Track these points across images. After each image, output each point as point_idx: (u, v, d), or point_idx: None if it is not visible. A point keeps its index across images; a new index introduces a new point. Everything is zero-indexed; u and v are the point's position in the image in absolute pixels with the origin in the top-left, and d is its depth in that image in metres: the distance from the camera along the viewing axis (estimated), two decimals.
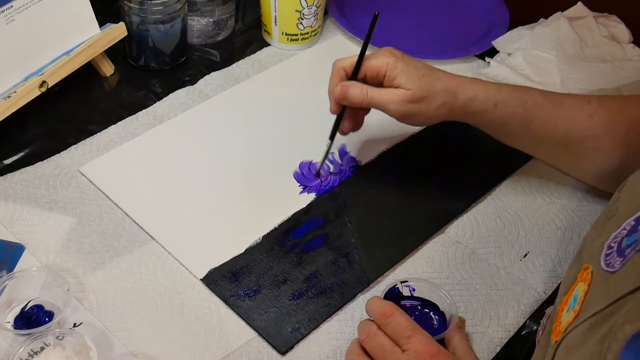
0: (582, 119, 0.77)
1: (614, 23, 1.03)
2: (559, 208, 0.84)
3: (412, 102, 0.74)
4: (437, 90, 0.74)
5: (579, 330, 0.52)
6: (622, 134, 0.76)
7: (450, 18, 1.11)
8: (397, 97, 0.74)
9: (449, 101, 0.74)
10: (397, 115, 0.75)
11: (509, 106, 0.76)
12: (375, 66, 0.75)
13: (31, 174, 0.81)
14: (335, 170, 0.85)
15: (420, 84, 0.73)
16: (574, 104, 0.78)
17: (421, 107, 0.74)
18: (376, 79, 0.76)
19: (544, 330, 0.64)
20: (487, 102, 0.75)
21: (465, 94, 0.75)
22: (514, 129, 0.78)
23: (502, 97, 0.76)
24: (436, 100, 0.74)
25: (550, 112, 0.77)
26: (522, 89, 0.78)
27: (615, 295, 0.50)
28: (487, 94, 0.75)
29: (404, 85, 0.73)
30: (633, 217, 0.55)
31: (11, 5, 0.80)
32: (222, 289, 0.72)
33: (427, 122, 0.77)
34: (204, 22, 1.01)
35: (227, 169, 0.84)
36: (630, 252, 0.52)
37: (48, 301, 0.68)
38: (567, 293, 0.58)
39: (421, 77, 0.74)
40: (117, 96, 0.93)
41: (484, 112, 0.76)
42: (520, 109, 0.76)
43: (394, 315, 0.62)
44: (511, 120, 0.77)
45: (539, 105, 0.77)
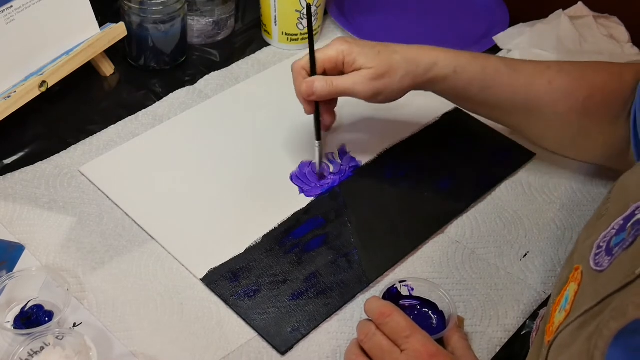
0: (542, 84, 0.78)
1: (614, 24, 1.03)
2: (559, 208, 0.84)
3: (376, 79, 0.75)
4: (397, 62, 0.75)
5: (569, 329, 0.52)
6: (581, 100, 0.78)
7: (450, 18, 1.11)
8: (361, 77, 0.75)
9: (411, 70, 0.76)
10: (365, 95, 0.76)
11: (469, 72, 0.77)
12: (332, 56, 0.76)
13: (31, 174, 0.81)
14: (335, 170, 0.85)
15: (379, 60, 0.75)
16: (533, 70, 0.79)
17: (386, 82, 0.75)
18: (336, 69, 0.77)
19: (537, 331, 0.65)
20: (447, 67, 0.77)
21: (426, 61, 0.76)
22: (475, 94, 0.79)
23: (461, 63, 0.77)
24: (398, 72, 0.75)
25: (510, 78, 0.78)
26: (481, 56, 0.80)
27: (603, 294, 0.50)
28: (446, 60, 0.77)
29: (364, 65, 0.75)
30: (621, 216, 0.55)
31: (11, 5, 0.80)
32: (222, 289, 0.72)
33: (395, 95, 0.78)
34: (204, 22, 1.01)
35: (227, 169, 0.84)
36: (618, 251, 0.52)
37: (48, 301, 0.68)
38: (559, 294, 0.58)
39: (378, 53, 0.76)
40: (117, 96, 0.94)
41: (445, 78, 0.77)
42: (480, 75, 0.78)
43: (393, 315, 0.62)
44: (471, 86, 0.78)
45: (498, 71, 0.78)
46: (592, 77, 0.78)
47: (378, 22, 1.09)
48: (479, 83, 0.78)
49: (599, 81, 0.78)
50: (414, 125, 0.92)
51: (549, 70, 0.79)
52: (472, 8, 1.12)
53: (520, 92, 0.79)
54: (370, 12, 1.11)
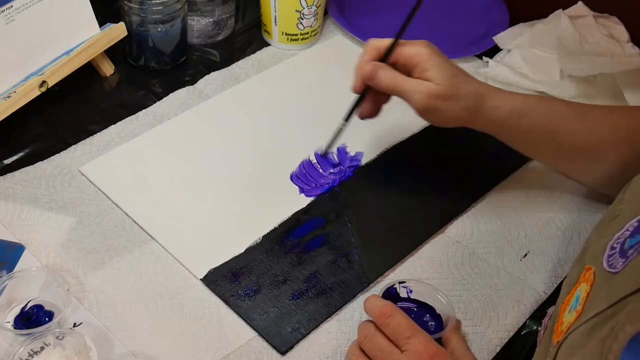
0: (606, 129, 0.76)
1: (614, 24, 1.03)
2: (559, 208, 0.84)
3: (439, 99, 0.72)
4: (466, 92, 0.73)
5: (580, 330, 0.52)
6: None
7: (450, 18, 1.11)
8: (425, 89, 0.72)
9: (474, 106, 0.73)
10: (420, 107, 0.73)
11: (534, 117, 0.75)
12: (411, 53, 0.73)
13: (31, 174, 0.81)
14: (335, 170, 0.85)
15: (450, 82, 0.72)
16: (598, 114, 0.77)
17: (446, 105, 0.73)
18: (406, 68, 0.74)
19: (545, 330, 0.65)
20: (512, 111, 0.74)
21: (492, 102, 0.74)
22: (538, 139, 0.77)
23: (527, 107, 0.75)
24: (463, 101, 0.73)
25: (575, 123, 0.76)
26: (547, 99, 0.78)
27: (617, 296, 0.50)
28: (512, 104, 0.75)
29: (434, 79, 0.72)
30: (636, 218, 0.55)
31: (11, 5, 0.80)
32: (222, 289, 0.72)
33: (447, 122, 0.75)
34: (204, 22, 1.01)
35: (227, 169, 0.84)
36: (633, 253, 0.52)
37: (48, 301, 0.68)
38: (569, 293, 0.58)
39: (453, 76, 0.73)
40: (117, 96, 0.94)
41: (507, 121, 0.75)
42: (545, 120, 0.75)
43: (393, 315, 0.62)
44: (535, 130, 0.76)
45: (563, 116, 0.76)
46: None
47: (378, 22, 1.09)
48: (543, 128, 0.75)
49: None
50: (414, 125, 0.92)
51: (613, 115, 0.77)
52: (472, 8, 1.12)
53: (585, 137, 0.76)
54: (370, 12, 1.11)
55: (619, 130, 0.76)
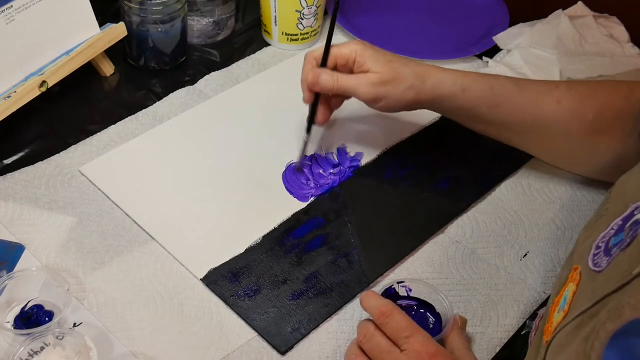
0: (550, 103, 0.79)
1: (614, 24, 1.03)
2: (559, 208, 0.84)
3: (380, 85, 0.76)
4: (405, 73, 0.76)
5: (566, 329, 0.52)
6: (590, 119, 0.78)
7: (450, 18, 1.11)
8: (366, 80, 0.76)
9: (416, 84, 0.76)
10: (366, 97, 0.77)
11: (477, 90, 0.78)
12: (345, 54, 0.78)
13: (31, 174, 0.81)
14: (334, 171, 0.85)
15: (387, 67, 0.76)
16: (541, 89, 0.80)
17: (389, 89, 0.76)
18: (346, 67, 0.78)
19: (536, 331, 0.65)
20: (455, 85, 0.77)
21: (433, 78, 0.77)
22: (483, 113, 0.79)
23: (469, 82, 0.78)
24: (404, 82, 0.76)
25: (518, 96, 0.79)
26: (488, 75, 0.81)
27: (600, 294, 0.50)
28: (454, 78, 0.78)
29: (372, 69, 0.76)
30: (620, 216, 0.55)
31: (11, 5, 0.80)
32: (222, 289, 0.72)
33: (396, 105, 0.78)
34: (204, 22, 1.01)
35: (227, 169, 0.84)
36: (616, 251, 0.52)
37: (48, 301, 0.68)
38: (558, 294, 0.58)
39: (388, 61, 0.77)
40: (117, 96, 0.94)
41: (452, 96, 0.78)
42: (488, 93, 0.78)
43: (393, 314, 0.62)
44: (479, 104, 0.78)
45: (506, 89, 0.79)
46: (600, 96, 0.79)
47: (378, 22, 1.09)
48: (487, 101, 0.78)
49: (608, 100, 0.78)
50: (414, 125, 0.92)
51: (558, 90, 0.79)
52: (472, 8, 1.12)
53: (528, 111, 0.79)
54: (370, 12, 1.11)
55: (563, 104, 0.78)
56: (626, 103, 0.77)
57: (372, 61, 0.76)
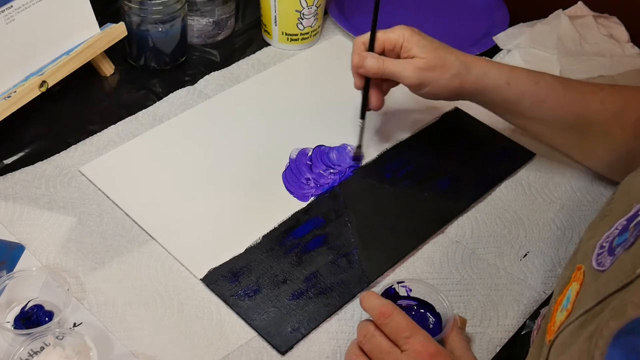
0: (594, 103, 0.78)
1: (614, 24, 1.03)
2: (559, 208, 0.84)
3: (426, 70, 0.76)
4: (451, 61, 0.77)
5: (570, 328, 0.52)
6: (633, 122, 0.77)
7: (450, 18, 1.11)
8: (412, 65, 0.76)
9: (462, 72, 0.77)
10: (411, 82, 0.77)
11: (521, 84, 0.78)
12: (393, 38, 0.78)
13: (31, 174, 0.81)
14: (334, 170, 0.85)
15: (434, 54, 0.77)
16: (586, 89, 0.79)
17: (435, 76, 0.76)
18: (393, 52, 0.79)
19: (538, 330, 0.65)
20: (500, 78, 0.77)
21: (479, 68, 0.77)
22: (526, 108, 0.79)
23: (514, 75, 0.78)
24: (450, 70, 0.76)
25: (563, 94, 0.78)
26: (534, 71, 0.81)
27: (604, 294, 0.50)
28: (499, 71, 0.78)
29: (418, 54, 0.76)
30: (625, 216, 0.55)
31: (11, 5, 0.80)
32: (222, 289, 0.72)
33: (440, 92, 0.78)
34: (204, 22, 1.01)
35: (227, 169, 0.84)
36: (620, 251, 0.52)
37: (48, 301, 0.68)
38: (561, 293, 0.58)
39: (435, 48, 0.77)
40: (117, 96, 0.94)
41: (496, 88, 0.78)
42: (532, 88, 0.78)
43: (393, 315, 0.62)
44: (523, 99, 0.78)
45: (551, 86, 0.78)
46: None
47: (378, 22, 1.09)
48: (531, 96, 0.78)
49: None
50: (414, 125, 0.92)
51: (602, 91, 0.79)
52: (472, 8, 1.12)
53: (572, 109, 0.78)
54: (370, 12, 1.11)
55: (606, 106, 0.78)
56: None
57: (419, 47, 0.77)
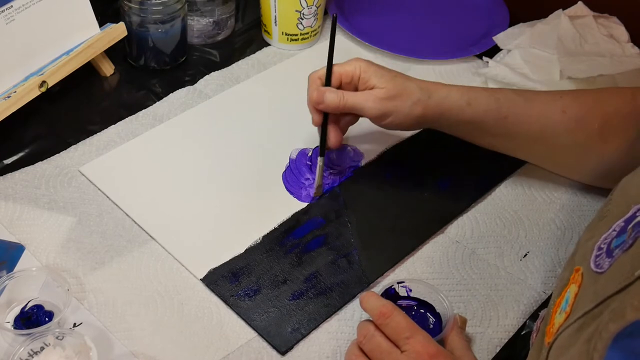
0: (555, 113, 0.78)
1: (614, 24, 1.03)
2: (559, 208, 0.84)
3: (387, 100, 0.76)
4: (411, 88, 0.76)
5: (568, 331, 0.52)
6: (597, 127, 0.78)
7: (450, 18, 1.11)
8: (372, 96, 0.76)
9: (423, 99, 0.76)
10: (373, 114, 0.76)
11: (482, 103, 0.78)
12: (349, 71, 0.77)
13: (31, 174, 0.81)
14: (335, 170, 0.85)
15: (393, 83, 0.76)
16: (546, 99, 0.80)
17: (396, 105, 0.76)
18: (351, 85, 0.78)
19: (537, 332, 0.65)
20: (460, 99, 0.77)
21: (439, 92, 0.77)
22: (490, 126, 0.79)
23: (474, 95, 0.78)
24: (410, 97, 0.76)
25: (524, 108, 0.79)
26: (493, 88, 0.81)
27: (602, 296, 0.50)
28: (459, 92, 0.78)
29: (377, 85, 0.76)
30: (622, 218, 0.55)
31: (11, 5, 0.80)
32: (222, 289, 0.72)
33: (404, 122, 0.77)
34: (204, 22, 1.01)
35: (227, 169, 0.84)
36: (618, 253, 0.52)
37: (48, 301, 0.68)
38: (559, 295, 0.58)
39: (394, 77, 0.77)
40: (117, 96, 0.94)
41: (458, 110, 0.77)
42: (494, 105, 0.78)
43: (393, 315, 0.62)
44: (486, 117, 0.78)
45: (511, 101, 0.79)
46: (605, 103, 0.78)
47: (378, 22, 1.09)
48: (494, 114, 0.78)
49: (613, 106, 0.78)
50: None
51: (562, 100, 0.79)
52: (472, 8, 1.12)
53: (535, 121, 0.78)
54: (370, 12, 1.11)
55: (568, 114, 0.78)
56: (631, 109, 0.77)
57: (377, 77, 0.76)
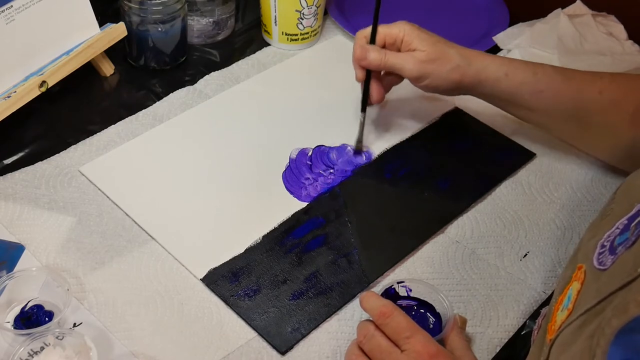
0: (592, 93, 0.79)
1: (612, 23, 1.04)
2: (559, 208, 0.84)
3: (427, 62, 0.78)
4: (451, 54, 0.79)
5: (571, 327, 0.52)
6: (631, 111, 0.78)
7: (450, 18, 1.11)
8: (413, 58, 0.79)
9: (462, 65, 0.78)
10: (412, 74, 0.79)
11: (520, 75, 0.79)
12: (394, 33, 0.80)
13: (31, 174, 0.81)
14: (334, 170, 0.85)
15: (435, 47, 0.79)
16: (584, 78, 0.80)
17: (435, 68, 0.78)
18: (394, 46, 0.81)
19: (539, 329, 0.65)
20: (499, 70, 0.79)
21: (479, 61, 0.79)
22: (525, 100, 0.80)
23: (512, 67, 0.79)
24: (450, 62, 0.78)
25: (561, 84, 0.80)
26: (532, 62, 0.82)
27: (605, 292, 0.50)
28: (498, 63, 0.80)
29: (419, 47, 0.79)
30: (626, 216, 0.55)
31: (11, 5, 0.80)
32: (222, 289, 0.72)
33: (441, 85, 0.80)
34: (204, 22, 1.01)
35: (227, 169, 0.84)
36: (621, 250, 0.52)
37: (48, 301, 0.68)
38: (562, 293, 0.58)
39: (436, 42, 0.79)
40: (117, 96, 0.94)
41: (495, 80, 0.79)
42: (531, 79, 0.79)
43: (393, 315, 0.62)
44: (521, 90, 0.80)
45: (549, 77, 0.80)
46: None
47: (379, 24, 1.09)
48: (530, 87, 0.79)
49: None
50: (414, 125, 0.92)
51: (601, 80, 0.80)
52: (472, 8, 1.12)
53: (570, 99, 0.79)
54: (370, 12, 1.11)
55: (605, 95, 0.79)
56: None
57: (419, 40, 0.79)
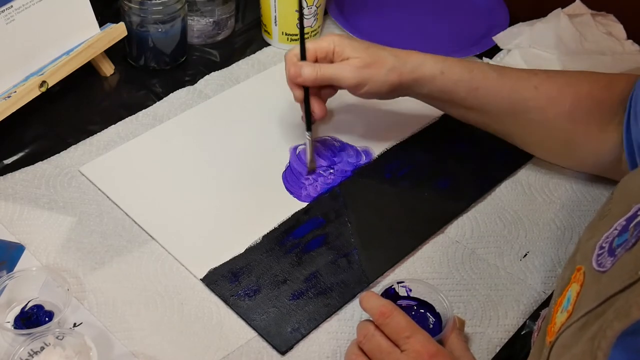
0: (528, 89, 0.80)
1: (612, 22, 1.04)
2: (559, 208, 0.84)
3: (363, 68, 0.78)
4: (385, 56, 0.78)
5: (571, 330, 0.52)
6: (567, 107, 0.79)
7: (451, 18, 1.11)
8: (348, 65, 0.78)
9: (398, 65, 0.78)
10: (350, 82, 0.78)
11: (455, 73, 0.79)
12: (324, 46, 0.79)
13: (31, 174, 0.81)
14: (335, 170, 0.85)
15: (367, 52, 0.78)
16: (520, 75, 0.81)
17: (372, 72, 0.78)
18: (326, 59, 0.80)
19: (539, 331, 0.65)
20: (434, 67, 0.79)
21: (414, 60, 0.79)
22: (461, 97, 0.80)
23: (448, 65, 0.79)
24: (385, 64, 0.78)
25: (496, 81, 0.80)
26: (467, 60, 0.83)
27: (605, 295, 0.50)
28: (434, 61, 0.79)
29: (352, 55, 0.78)
30: (624, 217, 0.55)
31: (11, 5, 0.80)
32: (222, 289, 0.72)
33: (380, 89, 0.79)
34: (204, 22, 1.01)
35: (227, 169, 0.84)
36: (621, 252, 0.52)
37: (48, 301, 0.68)
38: (561, 294, 0.58)
39: (368, 47, 0.79)
40: (117, 96, 0.94)
41: (432, 78, 0.79)
42: (467, 76, 0.79)
43: (393, 315, 0.62)
44: (458, 88, 0.80)
45: (484, 74, 0.80)
46: (578, 85, 0.80)
47: (378, 22, 1.09)
48: (466, 84, 0.79)
49: (585, 89, 0.79)
50: (414, 125, 0.92)
51: (536, 77, 0.80)
52: (472, 8, 1.12)
53: (506, 95, 0.80)
54: (370, 12, 1.11)
55: (541, 91, 0.80)
56: (606, 94, 0.78)
57: (351, 48, 0.78)
